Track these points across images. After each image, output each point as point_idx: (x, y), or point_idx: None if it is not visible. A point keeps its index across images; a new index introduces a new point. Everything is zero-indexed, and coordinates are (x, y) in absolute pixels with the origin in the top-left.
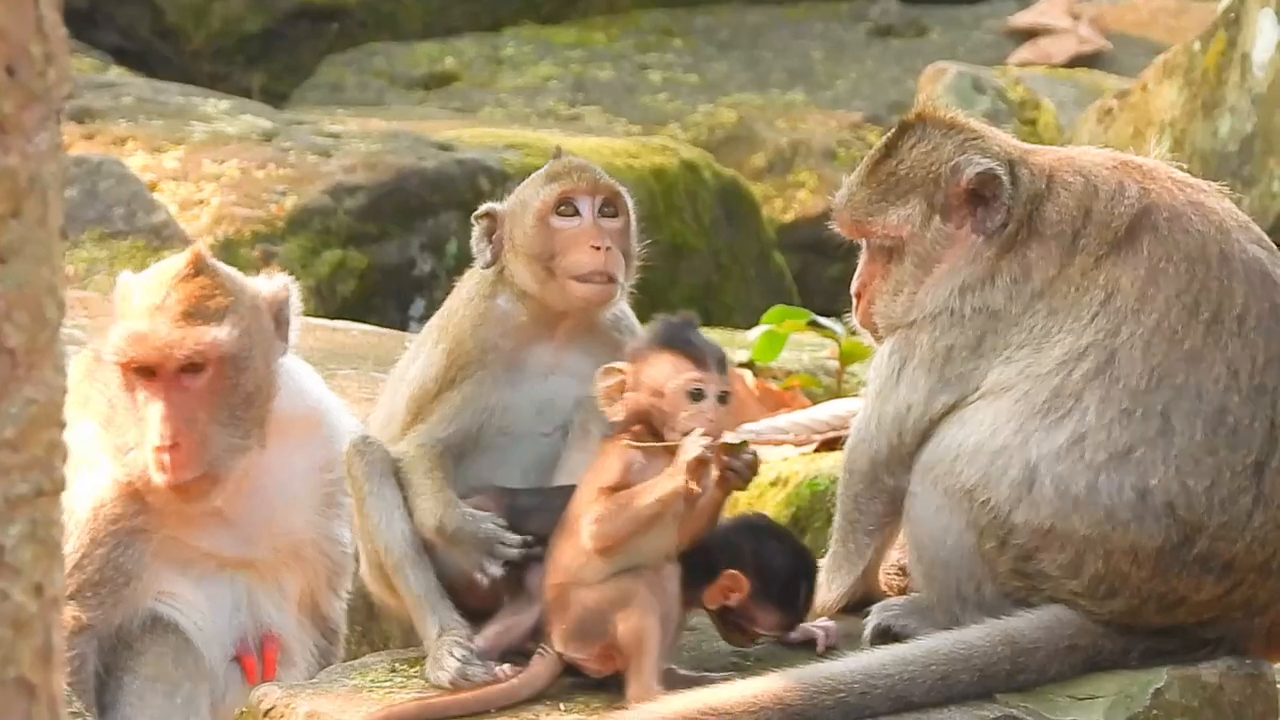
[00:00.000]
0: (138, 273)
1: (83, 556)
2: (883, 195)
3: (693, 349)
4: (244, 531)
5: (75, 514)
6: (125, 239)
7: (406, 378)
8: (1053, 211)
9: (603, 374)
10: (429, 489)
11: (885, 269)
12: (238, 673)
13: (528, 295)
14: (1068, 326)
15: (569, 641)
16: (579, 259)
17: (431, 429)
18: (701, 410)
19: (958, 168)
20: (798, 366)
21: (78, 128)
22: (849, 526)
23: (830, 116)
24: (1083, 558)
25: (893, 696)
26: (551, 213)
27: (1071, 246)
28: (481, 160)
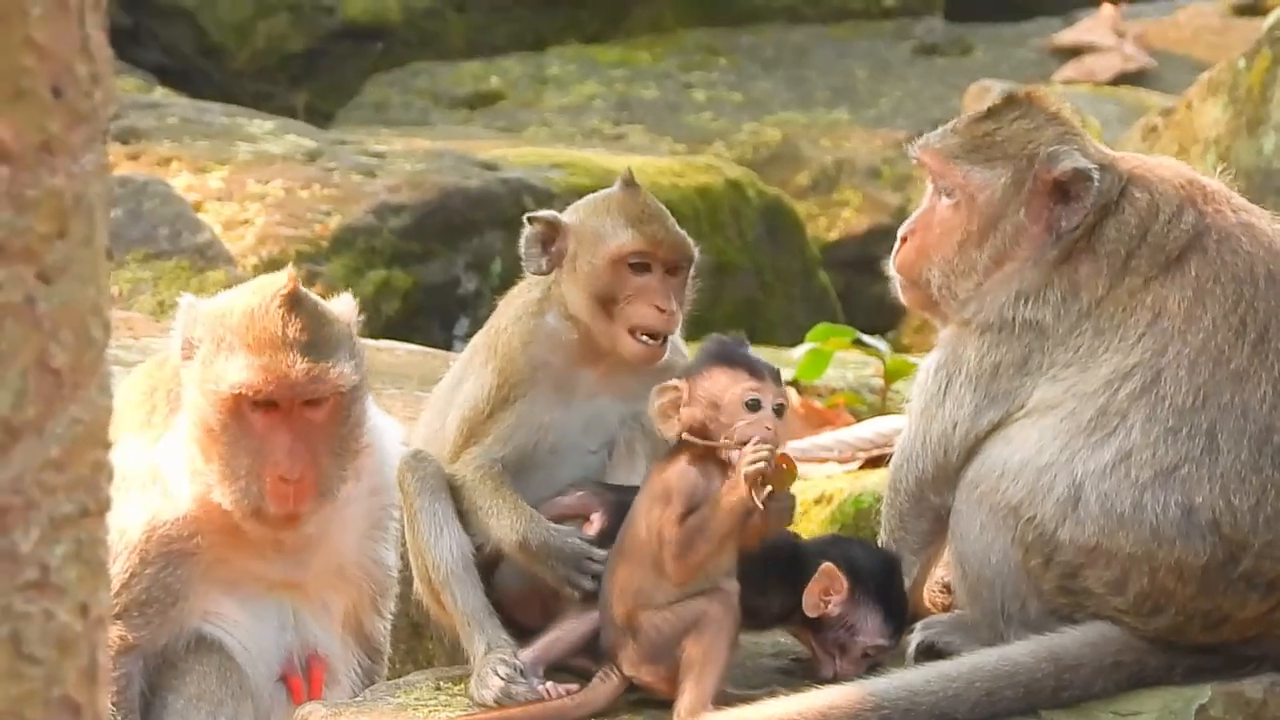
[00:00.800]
0: (185, 293)
1: (131, 576)
2: (974, 149)
3: (748, 361)
4: (296, 555)
5: (126, 534)
6: (170, 259)
7: (456, 400)
8: (1113, 229)
9: (658, 392)
10: (505, 506)
11: (950, 225)
12: (283, 693)
13: (571, 318)
14: (1114, 346)
15: (641, 665)
16: (644, 314)
17: (488, 450)
18: (759, 419)
19: (1055, 156)
20: (842, 384)
21: (122, 148)
22: (894, 545)
23: (874, 135)
24: (1128, 575)
25: (937, 713)
26: (625, 261)
27: (1122, 269)
28: (526, 179)
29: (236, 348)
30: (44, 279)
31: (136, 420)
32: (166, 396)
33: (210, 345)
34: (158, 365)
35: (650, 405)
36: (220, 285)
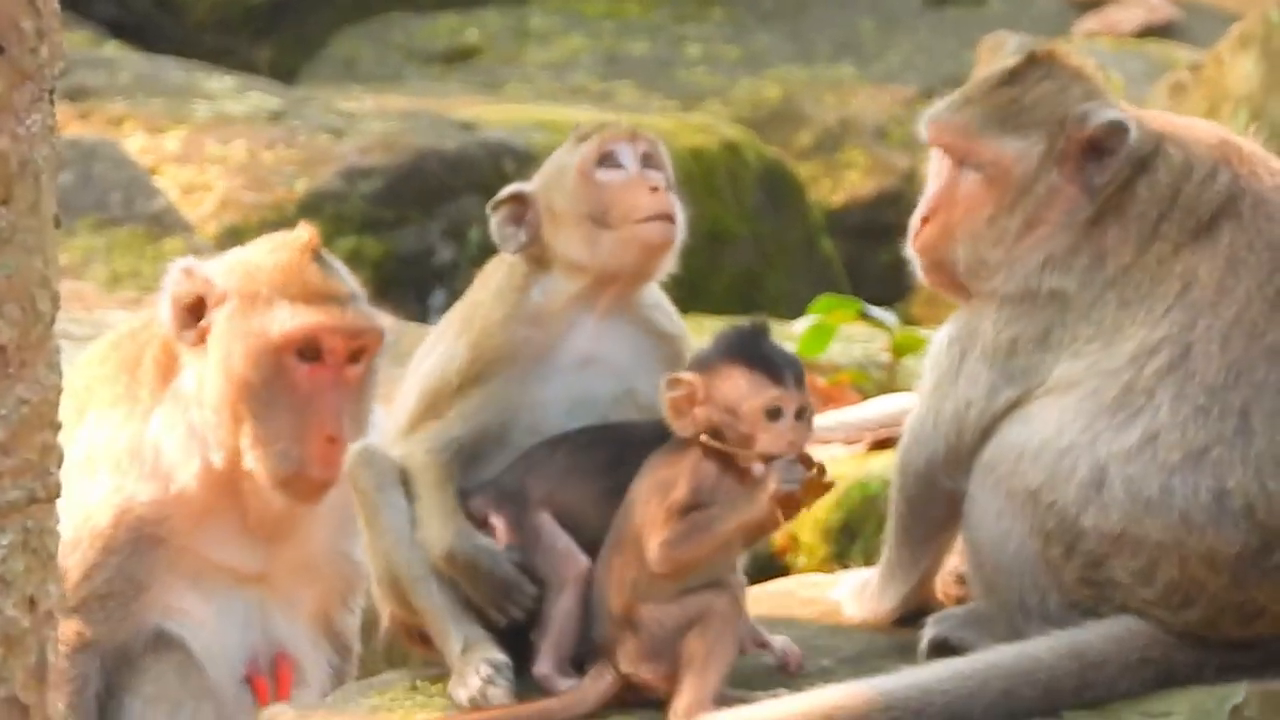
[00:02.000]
0: (138, 261)
1: (93, 567)
2: (1000, 120)
3: (769, 364)
4: (263, 544)
5: (91, 519)
6: (123, 226)
7: (422, 369)
8: (1144, 188)
9: (669, 384)
10: (437, 508)
11: (978, 201)
12: (248, 694)
13: (574, 267)
14: (1140, 319)
15: (640, 661)
16: (636, 204)
17: (446, 427)
18: (781, 431)
19: (1085, 115)
20: (847, 360)
21: (71, 107)
22: (903, 533)
23: (882, 92)
24: (1156, 564)
25: (951, 714)
26: (594, 167)
27: (1152, 233)
28: (506, 140)
29: (276, 299)
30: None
31: (107, 396)
32: (153, 368)
33: (241, 301)
34: (128, 337)
35: (661, 397)
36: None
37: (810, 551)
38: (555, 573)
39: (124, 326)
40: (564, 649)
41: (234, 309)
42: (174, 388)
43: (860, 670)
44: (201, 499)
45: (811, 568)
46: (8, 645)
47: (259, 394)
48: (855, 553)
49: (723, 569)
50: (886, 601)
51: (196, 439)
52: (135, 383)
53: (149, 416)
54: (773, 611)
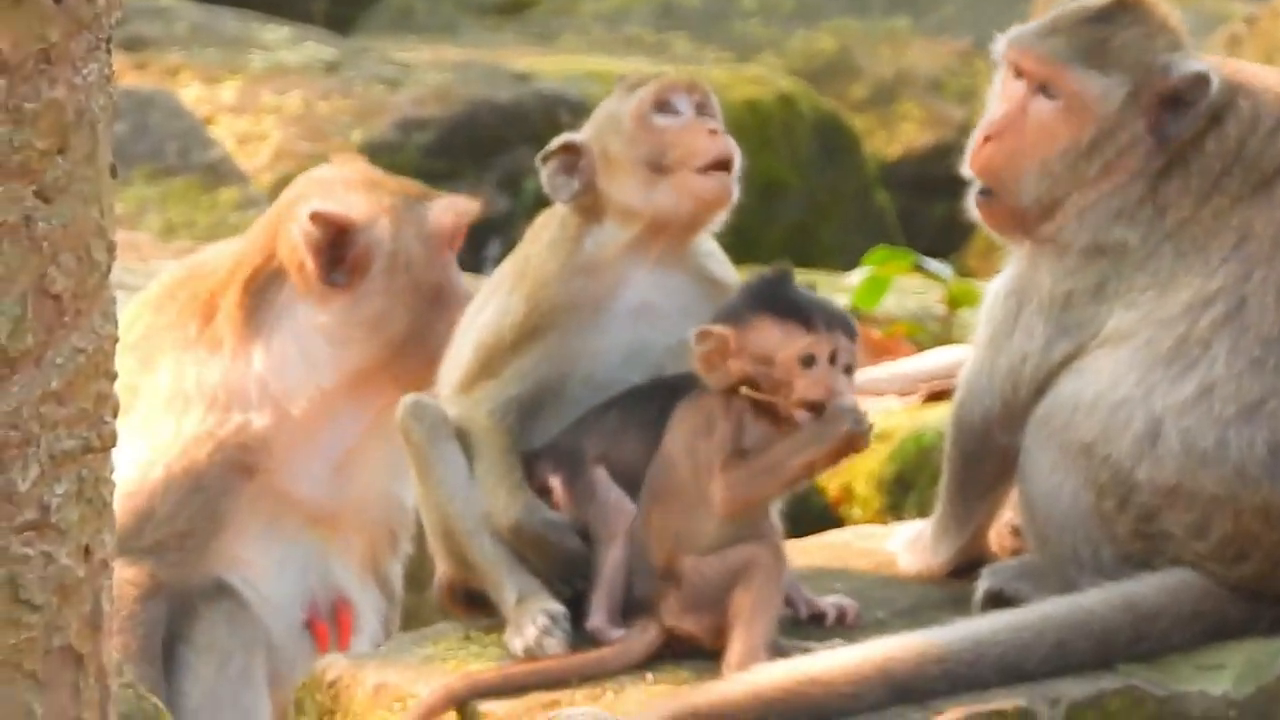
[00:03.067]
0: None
1: (179, 504)
2: (1087, 55)
3: (797, 310)
4: (339, 481)
5: (186, 454)
6: (178, 177)
7: (476, 324)
8: (1213, 141)
9: (698, 337)
10: (504, 478)
11: (1052, 130)
12: (308, 640)
13: (629, 215)
14: (1196, 269)
15: (685, 614)
16: (695, 148)
17: (504, 386)
18: (817, 376)
19: (1170, 65)
20: (902, 312)
21: (127, 57)
22: (958, 487)
23: (937, 44)
24: (1210, 518)
25: (1004, 666)
26: (651, 112)
27: (1213, 187)
28: (560, 91)
29: (415, 204)
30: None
31: (178, 341)
32: (236, 311)
33: (393, 217)
34: (181, 285)
35: (691, 351)
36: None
37: (865, 503)
38: (606, 525)
39: (169, 275)
40: (615, 600)
41: (390, 226)
42: (278, 323)
43: (914, 622)
44: (308, 423)
45: (866, 519)
46: (63, 594)
47: (442, 289)
48: (910, 504)
49: (761, 521)
50: (941, 554)
51: (314, 364)
52: (211, 325)
53: (241, 354)
54: (827, 563)
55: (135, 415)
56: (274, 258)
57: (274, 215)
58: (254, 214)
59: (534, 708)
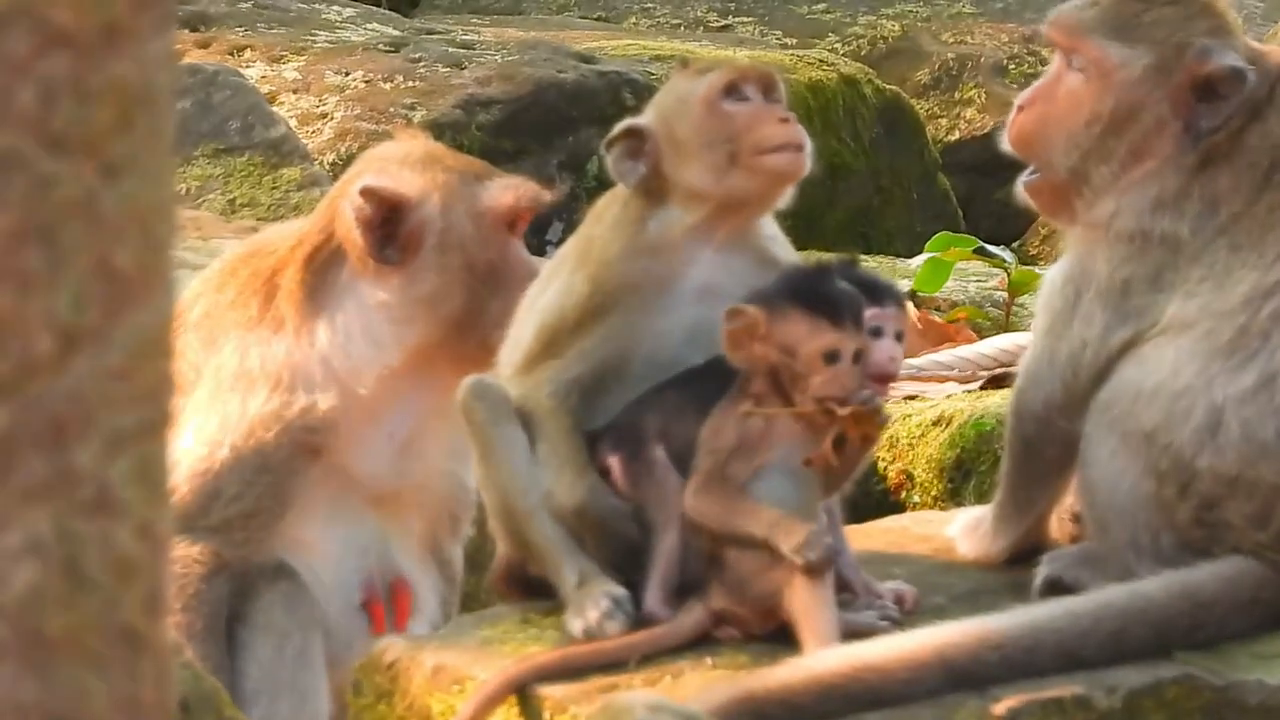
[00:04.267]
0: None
1: (246, 485)
2: (1115, 26)
3: (830, 306)
4: (402, 460)
5: (254, 434)
6: (241, 154)
7: (538, 306)
8: (1256, 136)
9: (728, 316)
10: (570, 460)
11: (1078, 97)
12: (364, 621)
13: (696, 198)
14: (1253, 263)
15: (729, 597)
16: (766, 133)
17: (567, 366)
18: (837, 374)
19: (1206, 51)
20: (963, 297)
21: (191, 36)
22: (1019, 475)
23: (1000, 29)
24: (1271, 508)
25: (1062, 653)
26: (721, 98)
27: (1264, 181)
28: (625, 73)
29: (472, 182)
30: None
31: (241, 320)
32: (298, 289)
33: (444, 195)
34: (242, 263)
35: (720, 327)
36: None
37: (924, 489)
38: (663, 509)
39: (229, 255)
40: (670, 584)
41: (442, 204)
42: (340, 302)
43: (973, 608)
44: (373, 402)
45: (925, 505)
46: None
47: (497, 268)
48: (969, 490)
49: (807, 515)
50: (1000, 541)
51: (378, 344)
52: (273, 306)
53: (304, 333)
54: (886, 548)
55: (200, 394)
56: (334, 236)
57: (335, 193)
58: (316, 193)
59: (591, 691)
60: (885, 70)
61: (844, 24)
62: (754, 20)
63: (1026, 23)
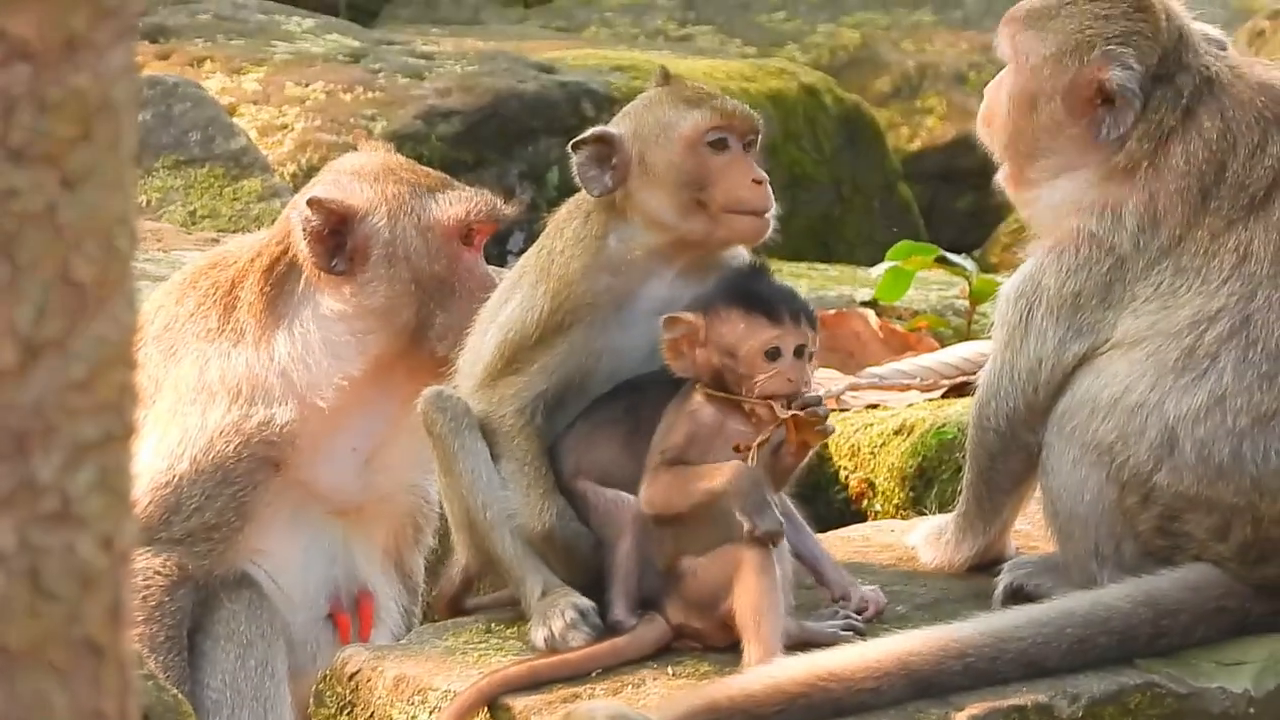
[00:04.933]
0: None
1: (207, 497)
2: (1037, 17)
3: (765, 304)
4: (365, 473)
5: (213, 448)
6: (202, 166)
7: (499, 321)
8: (1180, 157)
9: (666, 323)
10: (535, 482)
11: (1002, 85)
12: (330, 631)
13: (657, 225)
14: (1197, 288)
15: (686, 612)
16: (740, 194)
17: (530, 382)
18: (780, 371)
19: (1108, 57)
20: (925, 306)
21: (152, 47)
22: (983, 485)
23: (960, 37)
24: (1229, 524)
25: (1025, 661)
26: (703, 141)
27: (1201, 205)
28: (585, 83)
29: (423, 195)
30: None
31: (200, 331)
32: (257, 299)
33: (391, 207)
34: (203, 274)
35: (660, 337)
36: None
37: (886, 497)
38: (611, 525)
39: (190, 267)
40: (632, 591)
41: (388, 216)
42: (297, 313)
43: (935, 617)
44: (334, 416)
45: (887, 513)
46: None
47: (445, 281)
48: (931, 498)
49: None
50: (964, 550)
51: (336, 355)
52: (233, 318)
53: (264, 345)
54: (848, 557)
55: (160, 406)
56: (291, 247)
57: (292, 204)
58: (277, 205)
59: (554, 701)
60: (846, 79)
61: (804, 33)
62: (714, 29)
63: (986, 31)
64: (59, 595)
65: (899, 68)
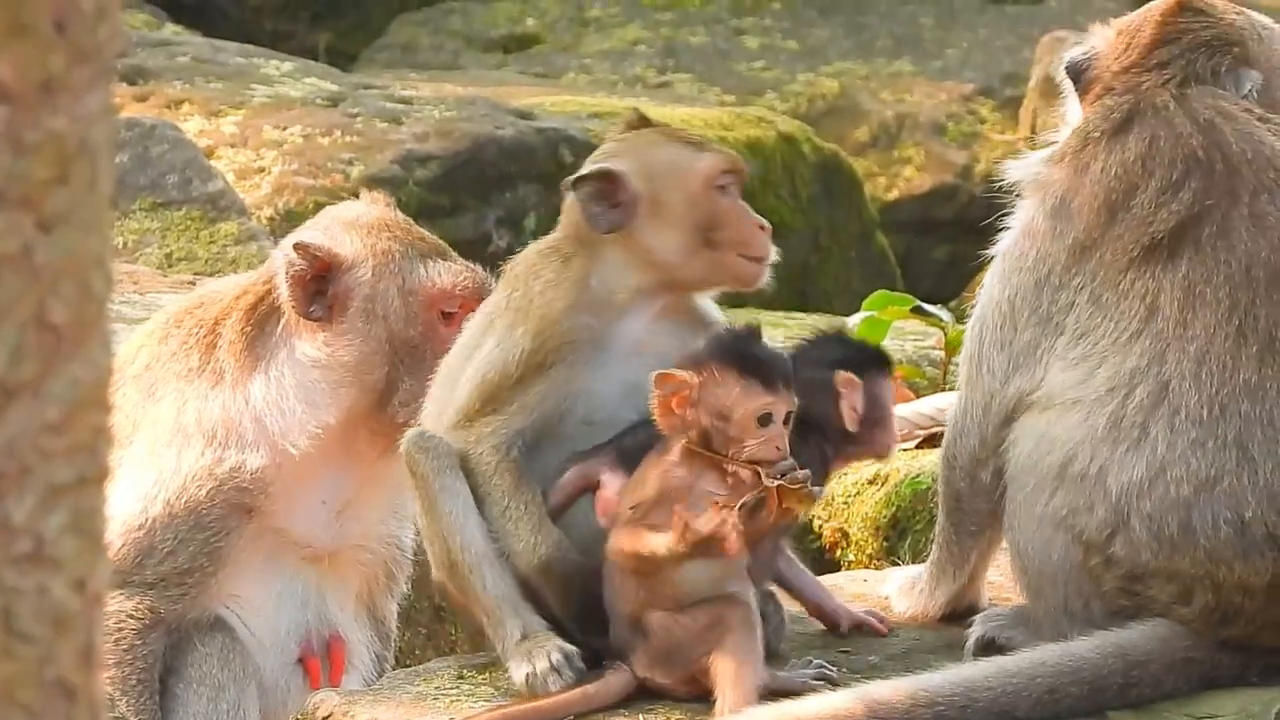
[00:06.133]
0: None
1: (180, 541)
2: None
3: (763, 369)
4: (337, 521)
5: (186, 492)
6: (179, 209)
7: (475, 361)
8: (1097, 167)
9: (658, 380)
10: (524, 514)
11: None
12: (300, 676)
13: (654, 265)
14: (1110, 335)
15: (654, 667)
16: (749, 240)
17: (508, 421)
18: (769, 437)
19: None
20: (900, 356)
21: (130, 89)
22: (952, 528)
23: (939, 88)
24: (1191, 590)
25: (995, 711)
26: (716, 183)
27: (1109, 222)
28: (563, 129)
29: (414, 258)
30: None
31: (180, 371)
32: (239, 340)
33: (378, 263)
34: (187, 314)
35: (650, 393)
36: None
37: (859, 547)
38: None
39: (175, 306)
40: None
41: (373, 272)
42: (274, 356)
43: (906, 666)
44: (307, 464)
45: (860, 563)
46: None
47: (417, 348)
48: (904, 548)
49: (728, 580)
50: (937, 598)
51: (309, 403)
52: (214, 357)
53: (240, 387)
54: None
55: (137, 446)
56: (275, 289)
57: (282, 245)
58: (254, 248)
59: None
60: (824, 128)
61: (783, 81)
62: (693, 77)
63: (965, 81)
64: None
65: (877, 117)
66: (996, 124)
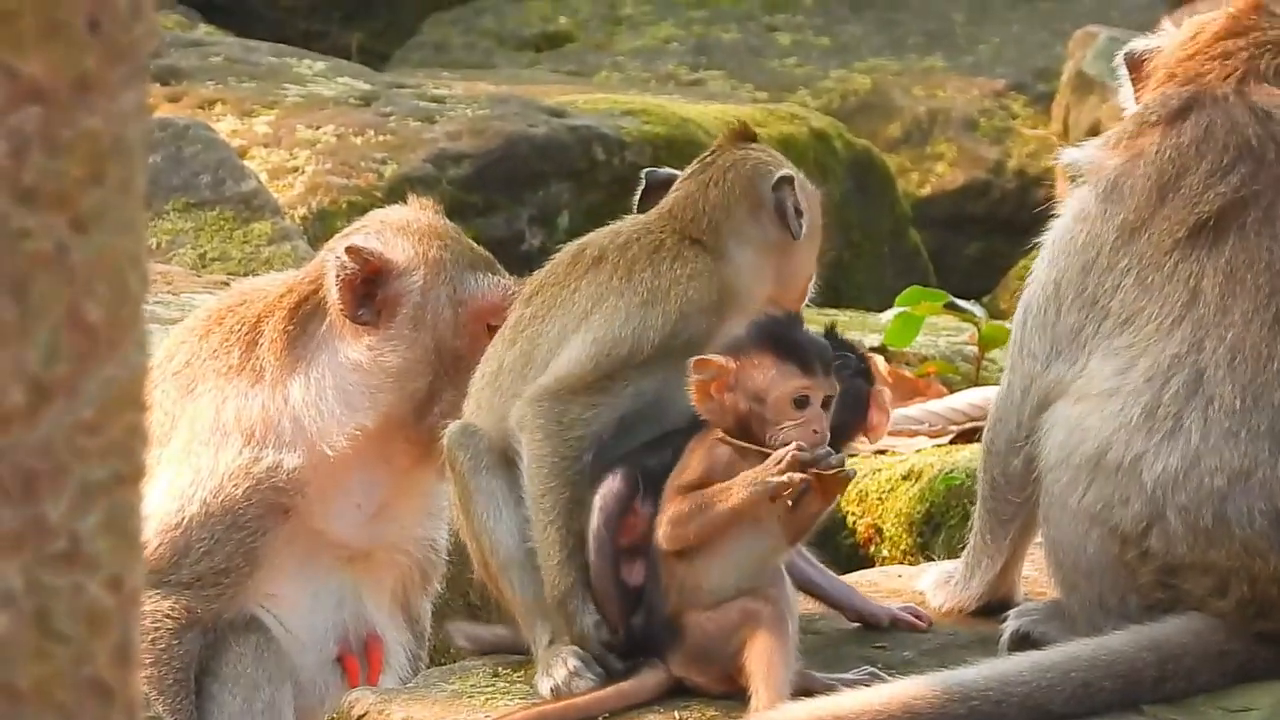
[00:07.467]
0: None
1: (217, 541)
2: None
3: (800, 352)
4: (372, 522)
5: (223, 492)
6: (212, 209)
7: (593, 332)
8: (1151, 150)
9: (696, 365)
10: (560, 543)
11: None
12: (338, 674)
13: (779, 279)
14: (1155, 319)
15: (689, 665)
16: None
17: (616, 403)
18: (806, 420)
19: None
20: (934, 352)
21: (162, 89)
22: (988, 515)
23: (971, 84)
24: (1227, 583)
25: (1030, 705)
26: None
27: (1159, 202)
28: (596, 127)
29: (464, 268)
30: (78, 227)
31: (221, 369)
32: (280, 339)
33: (429, 271)
34: (229, 311)
35: (688, 377)
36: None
37: (894, 543)
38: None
39: (217, 302)
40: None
41: (424, 279)
42: (315, 357)
43: (942, 662)
44: (343, 466)
45: (895, 559)
46: (92, 626)
47: (462, 359)
48: (939, 544)
49: (762, 573)
50: (972, 589)
51: (348, 405)
52: (254, 355)
53: (280, 386)
54: None
55: (175, 445)
56: (321, 288)
57: (329, 246)
58: (287, 248)
59: None
60: (856, 124)
61: (815, 78)
62: (725, 74)
63: (997, 77)
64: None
65: (910, 113)
66: (1029, 119)
